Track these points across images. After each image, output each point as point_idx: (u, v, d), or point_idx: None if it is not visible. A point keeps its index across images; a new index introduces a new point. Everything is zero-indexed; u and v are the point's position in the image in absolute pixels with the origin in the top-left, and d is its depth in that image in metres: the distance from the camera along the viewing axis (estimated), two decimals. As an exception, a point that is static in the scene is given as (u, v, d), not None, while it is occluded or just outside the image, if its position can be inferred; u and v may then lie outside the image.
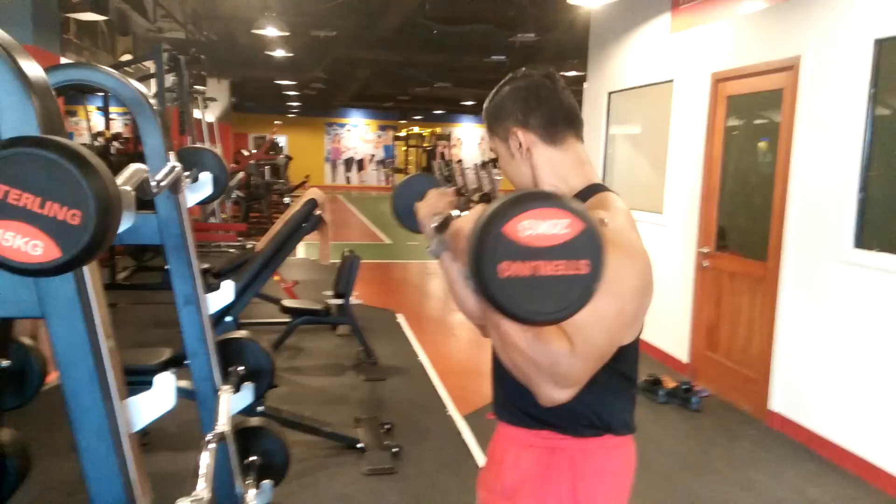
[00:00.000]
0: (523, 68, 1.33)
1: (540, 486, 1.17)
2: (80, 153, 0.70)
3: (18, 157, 0.70)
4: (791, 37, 3.83)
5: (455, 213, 1.30)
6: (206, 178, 1.79)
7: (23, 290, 0.88)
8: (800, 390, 3.79)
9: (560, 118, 1.29)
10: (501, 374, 1.35)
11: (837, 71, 3.51)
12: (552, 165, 1.29)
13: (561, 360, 1.05)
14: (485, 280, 0.80)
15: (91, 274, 0.91)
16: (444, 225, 1.30)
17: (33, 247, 0.71)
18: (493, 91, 1.35)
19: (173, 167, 1.41)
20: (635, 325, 1.21)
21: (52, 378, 1.73)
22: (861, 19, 3.37)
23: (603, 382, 1.16)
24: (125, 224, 0.79)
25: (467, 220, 1.19)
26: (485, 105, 1.36)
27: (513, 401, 1.32)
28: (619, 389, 1.27)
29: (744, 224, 4.44)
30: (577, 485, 1.24)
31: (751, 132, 4.47)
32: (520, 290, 0.80)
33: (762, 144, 4.36)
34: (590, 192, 1.27)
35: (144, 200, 1.09)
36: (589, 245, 0.81)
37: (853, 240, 3.41)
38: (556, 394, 1.08)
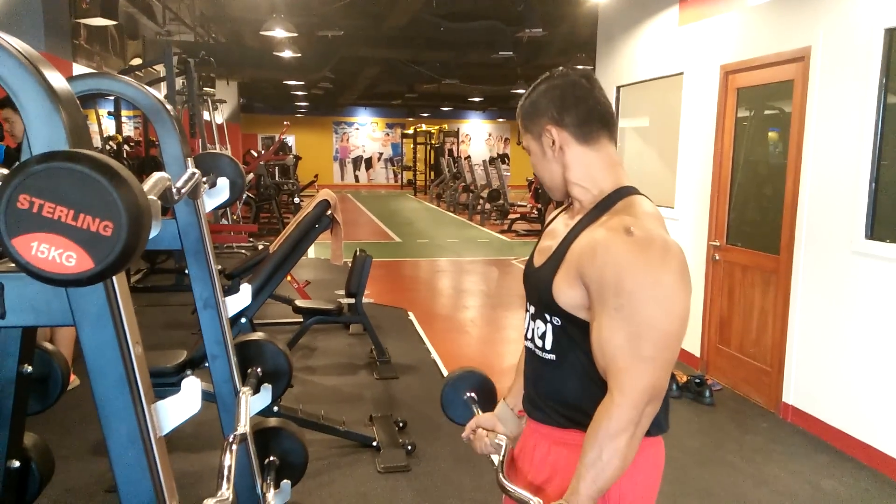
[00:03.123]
0: (560, 67, 1.34)
1: (569, 480, 1.19)
2: (111, 166, 0.72)
3: (52, 172, 0.72)
4: (801, 27, 3.81)
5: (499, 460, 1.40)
6: (223, 183, 1.82)
7: (54, 298, 0.90)
8: (813, 382, 3.78)
9: (595, 118, 1.29)
10: (534, 375, 1.37)
11: (848, 61, 3.50)
12: (584, 165, 1.30)
13: (616, 418, 1.15)
14: None
15: (119, 281, 0.93)
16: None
17: (67, 258, 0.74)
18: (529, 88, 1.35)
19: (193, 174, 1.43)
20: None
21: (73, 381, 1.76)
22: (871, 9, 3.35)
23: None
24: (153, 233, 0.81)
25: None
26: (520, 102, 1.36)
27: (546, 401, 1.34)
28: None
29: (755, 216, 4.43)
30: None
31: (761, 124, 4.45)
32: None
33: (772, 135, 4.35)
34: (619, 194, 1.28)
35: (164, 206, 1.11)
36: None
37: (865, 231, 3.40)
38: (649, 418, 1.18)
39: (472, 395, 1.63)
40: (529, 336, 1.37)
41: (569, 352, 1.27)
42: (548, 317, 1.29)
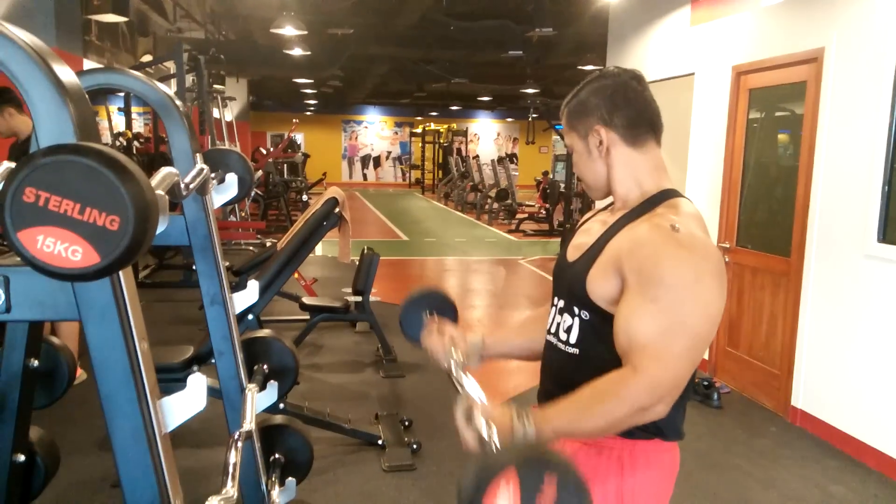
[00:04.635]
0: (612, 66, 1.34)
1: (595, 483, 1.18)
2: (118, 160, 0.72)
3: (58, 165, 0.71)
4: (814, 28, 3.78)
5: (457, 372, 1.38)
6: (231, 179, 1.81)
7: (60, 293, 0.89)
8: (823, 386, 3.75)
9: (644, 120, 1.29)
10: (554, 368, 1.36)
11: (862, 63, 3.46)
12: (630, 167, 1.30)
13: (629, 389, 1.12)
14: None
15: (126, 276, 0.93)
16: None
17: (73, 252, 0.73)
18: (578, 87, 1.34)
19: (201, 169, 1.43)
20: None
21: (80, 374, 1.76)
22: (886, 10, 3.31)
23: None
24: (160, 228, 0.80)
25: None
26: (566, 100, 1.35)
27: (565, 395, 1.32)
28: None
29: (766, 218, 4.40)
30: (623, 484, 1.25)
31: (773, 125, 4.42)
32: None
33: (784, 137, 4.31)
34: (663, 196, 1.28)
35: (172, 202, 1.10)
36: None
37: (878, 234, 3.37)
38: (653, 414, 1.15)
39: (434, 314, 1.59)
40: (553, 330, 1.36)
41: (593, 347, 1.27)
42: (576, 310, 1.28)
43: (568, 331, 1.31)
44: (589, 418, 1.14)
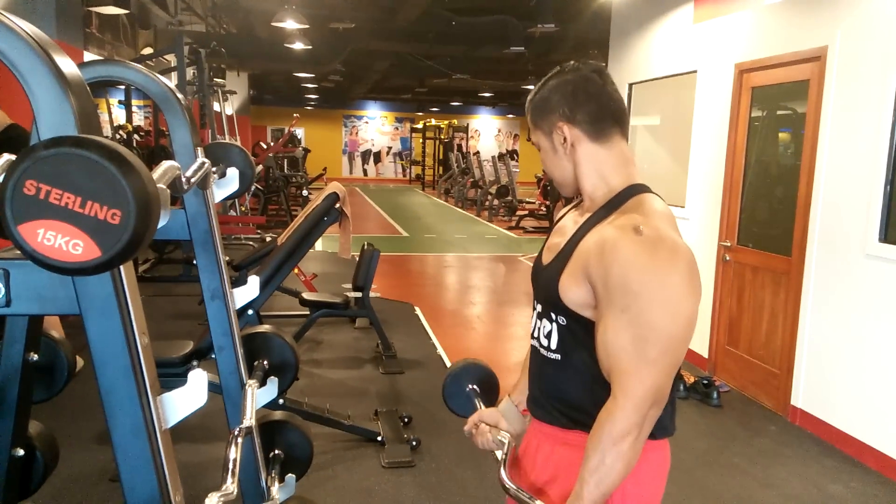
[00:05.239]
0: (571, 62, 1.32)
1: (572, 482, 1.18)
2: (120, 153, 0.71)
3: (59, 158, 0.70)
4: (818, 27, 3.76)
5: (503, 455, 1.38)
6: (233, 173, 1.80)
7: (60, 287, 0.88)
8: (822, 386, 3.75)
9: (607, 115, 1.27)
10: (538, 374, 1.35)
11: (865, 62, 3.45)
12: (595, 163, 1.28)
13: (620, 421, 1.13)
14: None
15: (126, 270, 0.92)
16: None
17: (74, 246, 0.72)
18: (539, 83, 1.33)
19: (203, 163, 1.41)
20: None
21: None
22: (890, 8, 3.30)
23: None
24: (161, 222, 0.79)
25: None
26: (529, 97, 1.34)
27: (549, 401, 1.32)
28: None
29: (767, 217, 4.39)
30: None
31: (775, 124, 4.41)
32: None
33: (786, 135, 4.30)
34: (630, 192, 1.26)
35: (173, 196, 1.10)
36: None
37: (879, 234, 3.36)
38: (652, 420, 1.16)
39: (475, 387, 1.60)
40: (535, 335, 1.35)
41: (573, 351, 1.25)
42: (553, 315, 1.27)
43: (548, 336, 1.30)
44: (611, 472, 1.14)
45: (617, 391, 1.14)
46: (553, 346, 1.28)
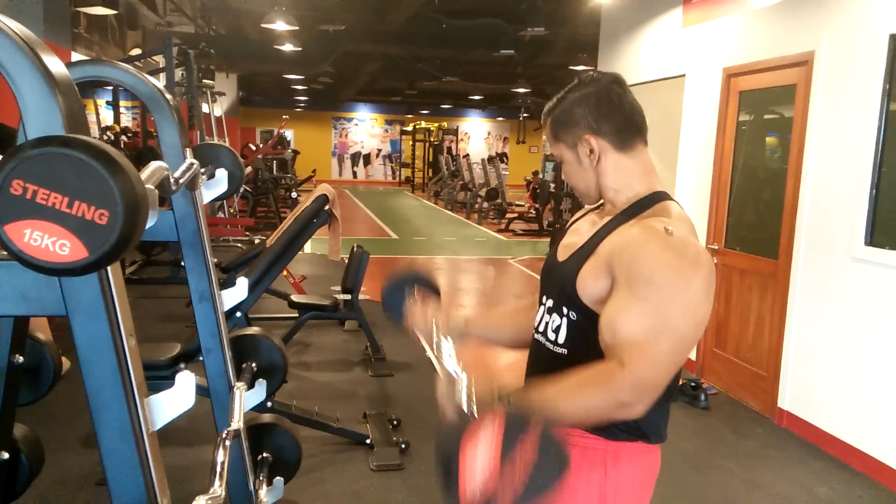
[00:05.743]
0: (590, 72, 1.32)
1: (573, 481, 1.18)
2: (107, 153, 0.70)
3: (47, 157, 0.70)
4: (805, 32, 3.80)
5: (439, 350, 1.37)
6: (221, 174, 1.79)
7: (47, 288, 0.88)
8: (809, 388, 3.78)
9: (632, 124, 1.29)
10: (542, 368, 1.35)
11: (852, 66, 3.48)
12: (620, 172, 1.30)
13: (613, 384, 1.11)
14: None
15: (114, 272, 0.91)
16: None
17: (61, 246, 0.71)
18: (558, 96, 1.33)
19: (192, 164, 1.41)
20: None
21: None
22: (876, 14, 3.34)
23: None
24: (149, 223, 0.79)
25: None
26: (547, 110, 1.33)
27: None
28: (660, 400, 1.27)
29: (754, 220, 4.42)
30: (605, 485, 1.26)
31: (762, 128, 4.44)
32: None
33: (773, 139, 4.34)
34: (653, 199, 1.29)
35: (161, 197, 1.09)
36: None
37: (865, 237, 3.39)
38: (631, 412, 1.13)
39: (416, 292, 1.54)
40: (542, 329, 1.35)
41: (581, 347, 1.26)
42: (565, 310, 1.28)
43: (556, 331, 1.30)
44: (570, 404, 1.12)
45: (626, 360, 1.11)
46: (561, 340, 1.29)
